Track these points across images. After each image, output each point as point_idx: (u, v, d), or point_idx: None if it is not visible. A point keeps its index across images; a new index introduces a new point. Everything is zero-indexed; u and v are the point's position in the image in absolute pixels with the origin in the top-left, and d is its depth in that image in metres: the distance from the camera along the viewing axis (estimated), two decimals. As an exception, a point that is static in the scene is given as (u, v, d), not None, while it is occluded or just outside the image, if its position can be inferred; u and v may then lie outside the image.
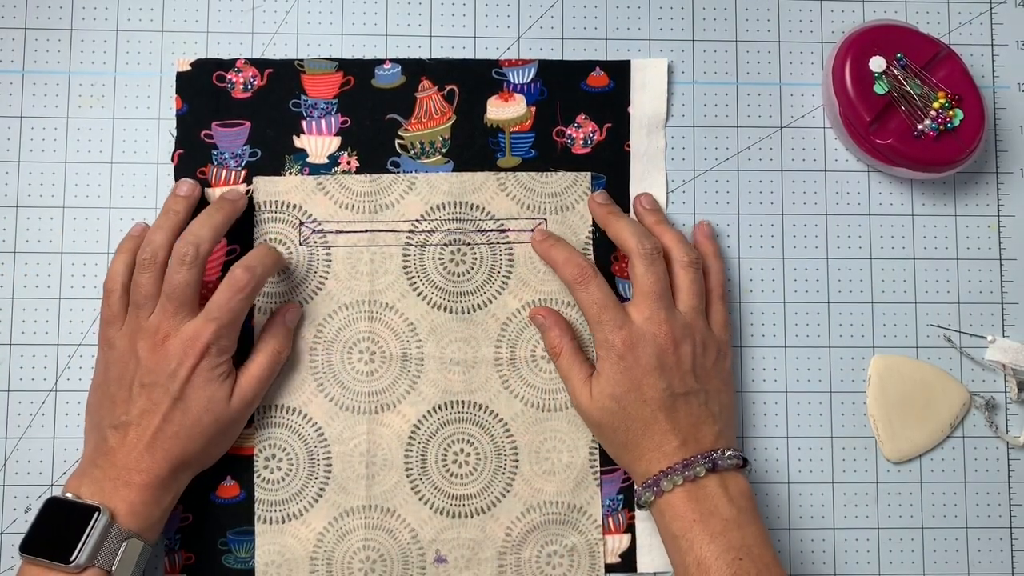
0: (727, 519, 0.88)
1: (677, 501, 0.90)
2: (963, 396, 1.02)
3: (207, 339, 0.90)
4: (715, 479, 0.91)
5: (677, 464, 0.90)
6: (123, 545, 0.85)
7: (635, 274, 0.95)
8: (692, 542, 0.88)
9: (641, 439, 0.92)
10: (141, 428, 0.88)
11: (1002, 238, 1.04)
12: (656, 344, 0.92)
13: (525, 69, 1.03)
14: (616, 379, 0.92)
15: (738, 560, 0.86)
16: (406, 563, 0.98)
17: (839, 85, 1.00)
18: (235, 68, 1.02)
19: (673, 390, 0.92)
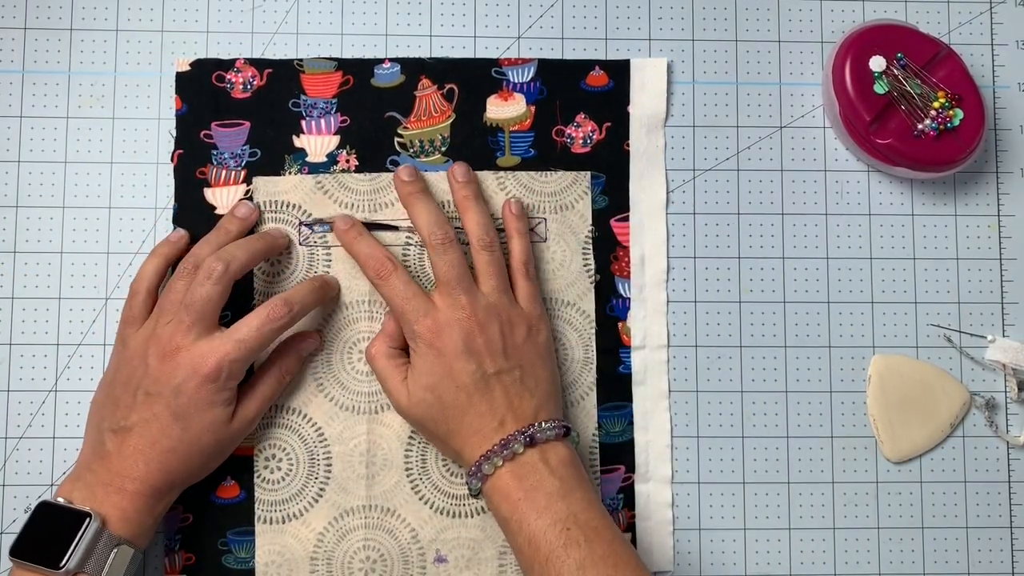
0: (551, 492, 0.87)
1: (502, 483, 0.89)
2: (963, 396, 1.02)
3: (222, 361, 0.89)
4: (535, 453, 0.89)
5: (496, 445, 0.89)
6: (113, 552, 0.85)
7: (432, 262, 0.94)
8: (521, 522, 0.87)
9: (460, 426, 0.91)
10: (139, 437, 0.88)
11: (1002, 238, 1.04)
12: (461, 328, 0.91)
13: (524, 68, 1.03)
14: (428, 369, 0.92)
15: (566, 531, 0.85)
16: (406, 563, 0.98)
17: (839, 85, 1.00)
18: (234, 68, 1.02)
19: (485, 371, 0.91)
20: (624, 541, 0.87)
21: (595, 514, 0.87)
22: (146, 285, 0.93)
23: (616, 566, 0.84)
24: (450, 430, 0.92)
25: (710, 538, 1.01)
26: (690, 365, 1.02)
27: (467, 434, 0.91)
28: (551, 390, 0.96)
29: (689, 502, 1.01)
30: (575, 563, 0.83)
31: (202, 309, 0.90)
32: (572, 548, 0.84)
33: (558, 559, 0.84)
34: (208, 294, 0.90)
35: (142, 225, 1.01)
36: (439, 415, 0.92)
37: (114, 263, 1.00)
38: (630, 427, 1.01)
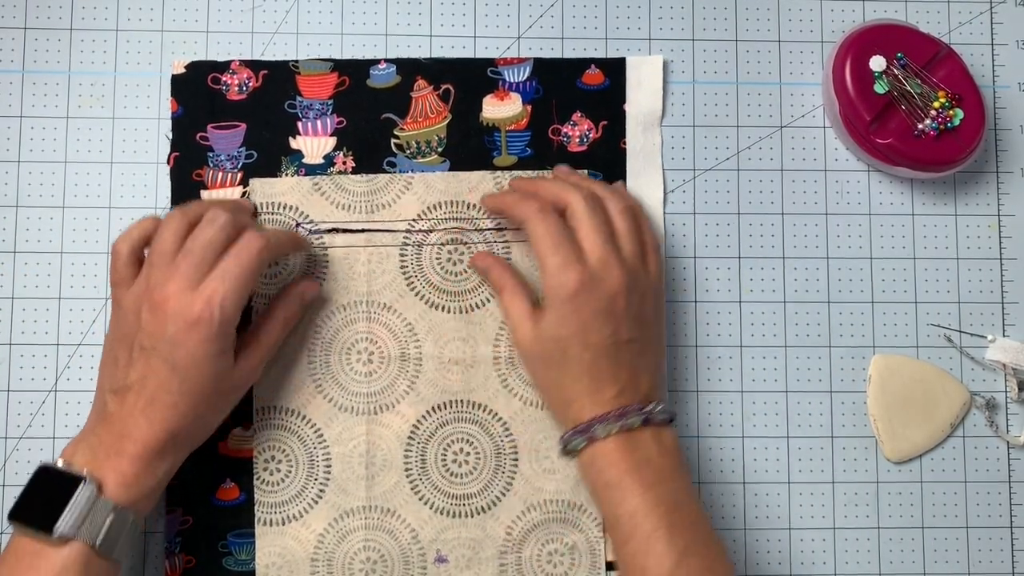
0: (659, 471, 0.87)
1: (609, 450, 0.88)
2: (963, 396, 1.02)
3: (210, 300, 0.85)
4: (649, 431, 0.89)
5: (612, 412, 0.89)
6: (108, 518, 0.82)
7: (579, 220, 0.92)
8: (625, 492, 0.86)
9: (577, 384, 0.90)
10: (137, 394, 0.85)
11: (1002, 237, 1.04)
12: (608, 288, 0.89)
13: (520, 68, 1.03)
14: (562, 321, 0.90)
15: (672, 512, 0.85)
16: (407, 563, 0.98)
17: (839, 84, 1.00)
18: (230, 70, 1.02)
19: (618, 337, 0.90)
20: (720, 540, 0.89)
21: (696, 503, 0.89)
22: (129, 245, 0.90)
23: (716, 560, 0.86)
24: (563, 383, 0.91)
25: (710, 538, 1.01)
26: (690, 364, 1.02)
27: (580, 392, 0.90)
28: (662, 371, 0.98)
29: (689, 502, 1.01)
30: (680, 547, 0.84)
31: (202, 254, 0.86)
32: (676, 532, 0.85)
33: (662, 539, 0.84)
34: (208, 237, 0.87)
35: (142, 225, 1.01)
36: (557, 366, 0.91)
37: (114, 263, 1.00)
38: (629, 426, 1.00)
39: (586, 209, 0.91)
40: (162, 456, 0.86)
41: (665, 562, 0.84)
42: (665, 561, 0.84)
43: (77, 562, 0.81)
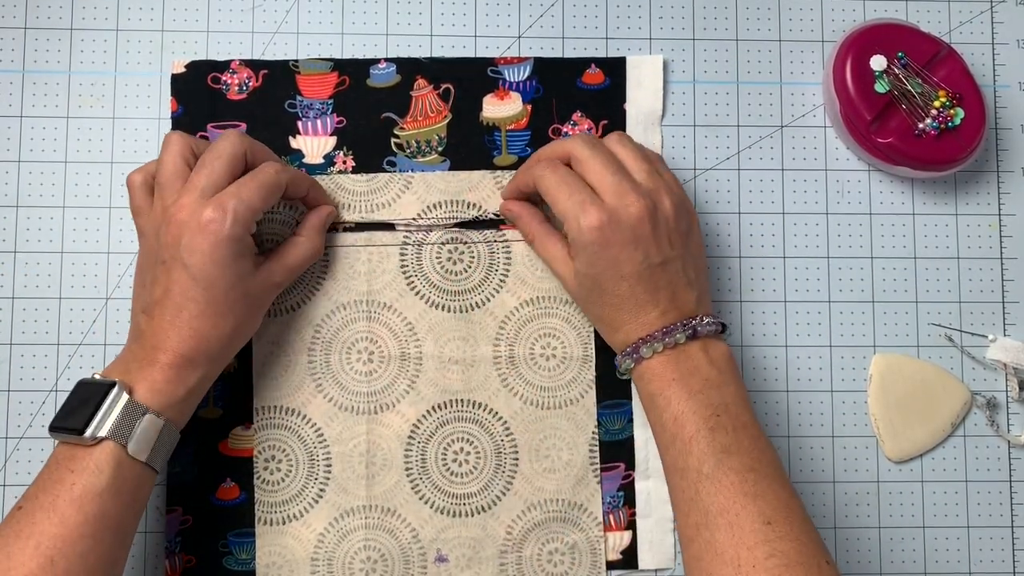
0: (707, 379, 0.88)
1: (657, 365, 0.89)
2: (964, 395, 1.02)
3: (222, 207, 0.86)
4: (696, 344, 0.89)
5: (657, 331, 0.89)
6: (140, 421, 0.83)
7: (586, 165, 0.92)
8: (670, 399, 0.87)
9: (620, 312, 0.91)
10: (163, 307, 0.87)
11: (1003, 237, 1.04)
12: (629, 216, 0.89)
13: (521, 67, 1.03)
14: (591, 260, 0.90)
15: (715, 416, 0.86)
16: (407, 563, 0.98)
17: (840, 84, 1.00)
18: (230, 70, 1.02)
19: (650, 261, 0.89)
20: (769, 443, 0.88)
21: (745, 409, 0.88)
22: (142, 175, 0.91)
23: (760, 460, 0.85)
24: (606, 314, 0.92)
25: (710, 538, 1.01)
26: (690, 364, 1.02)
27: (625, 319, 0.91)
28: (706, 281, 0.96)
29: (689, 501, 1.01)
30: (720, 446, 0.84)
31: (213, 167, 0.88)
32: (719, 432, 0.85)
33: (704, 439, 0.85)
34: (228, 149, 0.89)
35: (142, 225, 1.01)
36: (597, 299, 0.92)
37: (114, 263, 1.00)
38: (630, 424, 1.01)
39: (587, 149, 0.92)
40: (193, 364, 0.87)
41: (706, 461, 0.84)
42: (706, 460, 0.84)
43: (109, 462, 0.82)
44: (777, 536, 0.80)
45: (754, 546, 0.80)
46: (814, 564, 0.79)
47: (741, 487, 0.82)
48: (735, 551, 0.80)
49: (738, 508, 0.82)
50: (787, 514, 0.82)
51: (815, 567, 0.79)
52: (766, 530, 0.80)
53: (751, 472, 0.83)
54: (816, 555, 0.80)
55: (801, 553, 0.79)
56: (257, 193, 0.89)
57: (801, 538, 0.80)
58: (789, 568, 0.78)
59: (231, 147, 0.89)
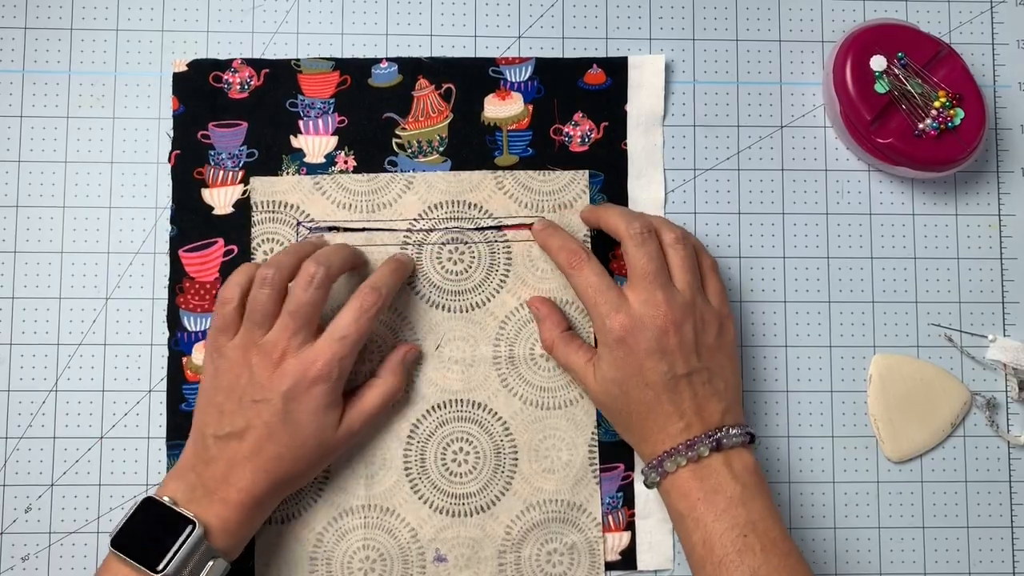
0: (731, 497, 0.87)
1: (682, 481, 0.89)
2: (964, 395, 1.02)
3: (329, 361, 0.89)
4: (719, 458, 0.89)
5: (681, 445, 0.89)
6: (209, 563, 0.84)
7: (628, 256, 0.93)
8: (697, 521, 0.87)
9: (645, 421, 0.91)
10: (246, 444, 0.88)
11: (1003, 237, 1.04)
12: (655, 327, 0.90)
13: (522, 67, 1.03)
14: (616, 364, 0.91)
15: (742, 537, 0.85)
16: (406, 562, 0.98)
17: (840, 84, 1.00)
18: (231, 68, 1.02)
19: (675, 372, 0.90)
20: (800, 558, 0.87)
21: (773, 525, 0.87)
22: (238, 293, 0.92)
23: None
24: (633, 423, 0.92)
25: (710, 538, 1.00)
26: (690, 365, 1.02)
27: (650, 430, 0.91)
28: (736, 393, 0.95)
29: (689, 502, 1.01)
30: (748, 570, 0.84)
31: (308, 314, 0.90)
32: (747, 555, 0.85)
33: (732, 563, 0.84)
34: (312, 299, 0.90)
35: (142, 225, 1.01)
36: (623, 407, 0.92)
37: (114, 263, 1.00)
38: (630, 425, 1.00)
39: (637, 247, 0.93)
40: (261, 506, 0.89)
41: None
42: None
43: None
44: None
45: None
46: None
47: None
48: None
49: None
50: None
51: None
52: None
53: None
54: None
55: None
56: (362, 341, 0.93)
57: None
58: None
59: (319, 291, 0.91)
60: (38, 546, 0.98)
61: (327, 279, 0.91)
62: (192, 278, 1.00)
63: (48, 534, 0.98)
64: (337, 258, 0.93)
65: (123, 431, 0.99)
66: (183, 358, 1.00)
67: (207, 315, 1.00)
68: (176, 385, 0.99)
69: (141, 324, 1.00)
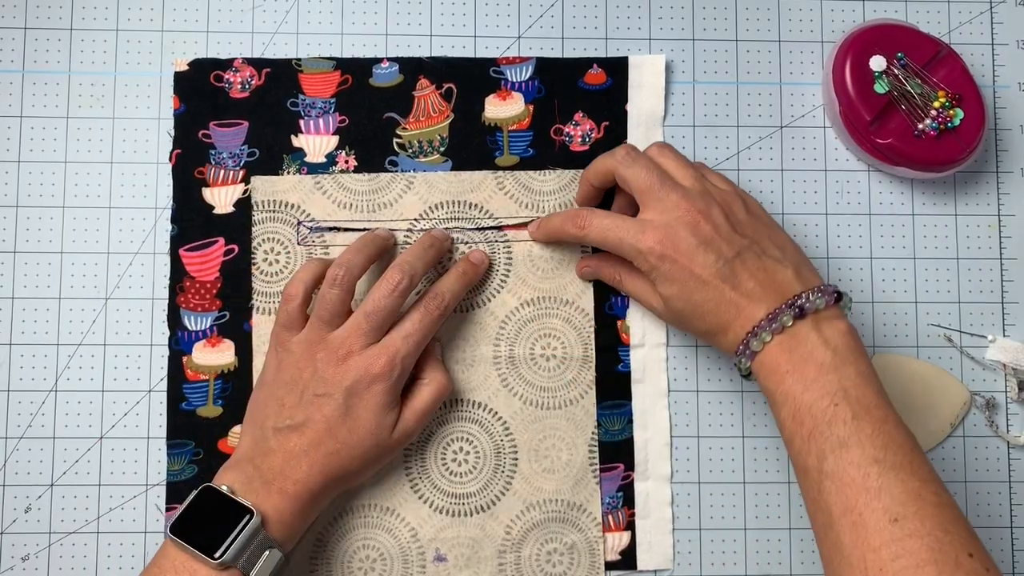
0: (822, 364, 0.82)
1: (771, 358, 0.84)
2: (963, 396, 1.02)
3: (393, 357, 0.90)
4: (806, 324, 0.85)
5: (763, 320, 0.85)
6: (265, 553, 0.84)
7: (627, 181, 0.92)
8: (786, 395, 0.83)
9: (720, 316, 0.88)
10: (305, 437, 0.88)
11: (1002, 237, 1.04)
12: (686, 224, 0.88)
13: (523, 67, 1.03)
14: (669, 279, 0.88)
15: (833, 406, 0.80)
16: (406, 562, 0.98)
17: (839, 84, 1.01)
18: (232, 68, 1.02)
19: (725, 257, 0.87)
20: (898, 422, 0.82)
21: (869, 391, 0.82)
22: (303, 289, 0.93)
23: (886, 447, 0.79)
24: (710, 325, 0.89)
25: (710, 537, 1.00)
26: (690, 364, 1.02)
27: (729, 322, 0.87)
28: (799, 254, 0.91)
29: (689, 501, 1.01)
30: (838, 440, 0.79)
31: (382, 319, 0.91)
32: (837, 425, 0.80)
33: (820, 435, 0.80)
34: (391, 305, 0.92)
35: (142, 225, 1.01)
36: (696, 313, 0.89)
37: (114, 263, 1.00)
38: (629, 425, 1.01)
39: (628, 168, 0.92)
40: (315, 500, 0.90)
41: (826, 458, 0.80)
42: (825, 457, 0.80)
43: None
44: (905, 534, 0.75)
45: (879, 547, 0.75)
46: (950, 560, 0.74)
47: (864, 483, 0.78)
48: (860, 553, 0.76)
49: (861, 507, 0.77)
50: (917, 508, 0.76)
51: (950, 563, 0.73)
52: (892, 529, 0.75)
53: (875, 465, 0.78)
54: (952, 550, 0.74)
55: (933, 550, 0.74)
56: (424, 342, 0.94)
57: (934, 532, 0.75)
58: (919, 568, 0.73)
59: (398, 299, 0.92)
60: (38, 546, 0.98)
61: (409, 289, 0.93)
62: (193, 277, 1.00)
63: (48, 534, 0.98)
64: (421, 264, 0.94)
65: (123, 431, 0.99)
66: (183, 357, 0.99)
67: (207, 314, 1.00)
68: (176, 384, 0.99)
69: (141, 324, 1.00)
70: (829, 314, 0.86)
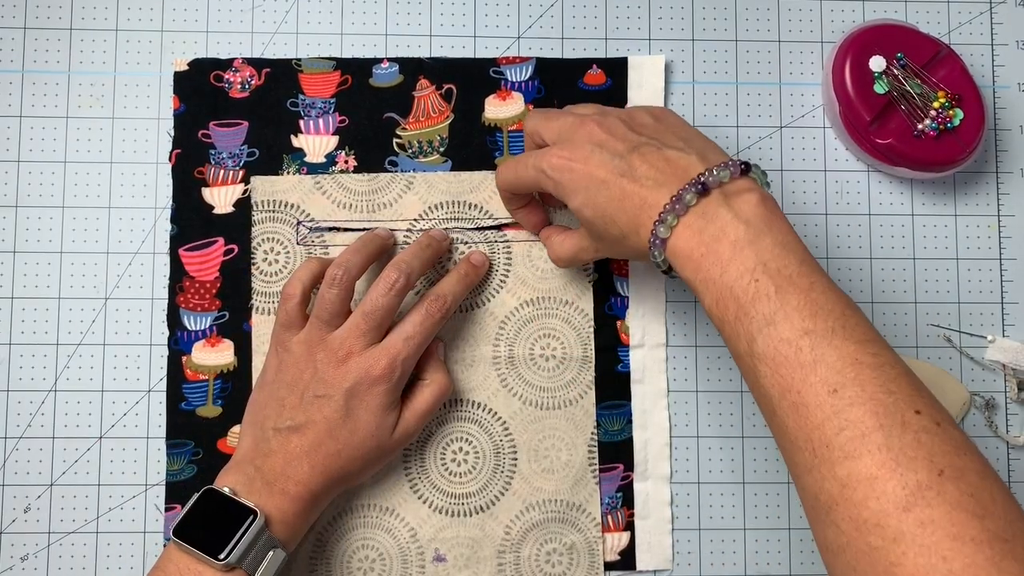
0: (735, 240, 0.77)
1: (682, 243, 0.79)
2: (963, 396, 1.02)
3: (394, 360, 0.90)
4: (713, 200, 0.79)
5: (666, 204, 0.79)
6: (270, 553, 0.84)
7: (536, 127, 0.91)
8: (706, 281, 0.77)
9: (627, 214, 0.82)
10: (305, 438, 0.88)
11: (1002, 238, 1.04)
12: (581, 134, 0.86)
13: (523, 67, 1.03)
14: (574, 188, 0.85)
15: (754, 282, 0.75)
16: (405, 562, 0.98)
17: (839, 85, 1.01)
18: (232, 68, 1.02)
19: (618, 152, 0.83)
20: (827, 287, 0.75)
21: (791, 259, 0.76)
22: (301, 288, 0.93)
23: (815, 316, 0.73)
24: (622, 229, 0.83)
25: (709, 538, 1.00)
26: (689, 364, 1.02)
27: (634, 217, 0.82)
28: (704, 141, 0.86)
29: (689, 501, 1.01)
30: (763, 319, 0.74)
31: (381, 318, 0.91)
32: (760, 301, 0.74)
33: (746, 316, 0.75)
34: (389, 304, 0.92)
35: (142, 225, 1.01)
36: (604, 219, 0.84)
37: (114, 263, 1.00)
38: (629, 425, 1.01)
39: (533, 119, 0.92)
40: (317, 502, 0.90)
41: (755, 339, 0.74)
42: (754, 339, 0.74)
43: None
44: (845, 404, 0.69)
45: (822, 423, 0.70)
46: (896, 423, 0.68)
47: (797, 358, 0.72)
48: (805, 434, 0.71)
49: (798, 384, 0.72)
50: (855, 373, 0.70)
51: (897, 426, 0.68)
52: (832, 400, 0.70)
53: (805, 337, 0.72)
54: (897, 411, 0.69)
55: (877, 415, 0.68)
56: (424, 344, 0.94)
57: (877, 396, 0.69)
58: (865, 437, 0.68)
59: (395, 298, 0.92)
60: (37, 546, 0.98)
61: (407, 287, 0.93)
62: (192, 277, 1.00)
63: (47, 534, 0.98)
64: (418, 263, 0.94)
65: (122, 431, 0.99)
66: (183, 357, 1.00)
67: (207, 314, 1.00)
68: (175, 384, 0.99)
69: (140, 324, 1.00)
70: (739, 186, 0.80)
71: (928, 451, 0.67)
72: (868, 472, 0.67)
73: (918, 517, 0.65)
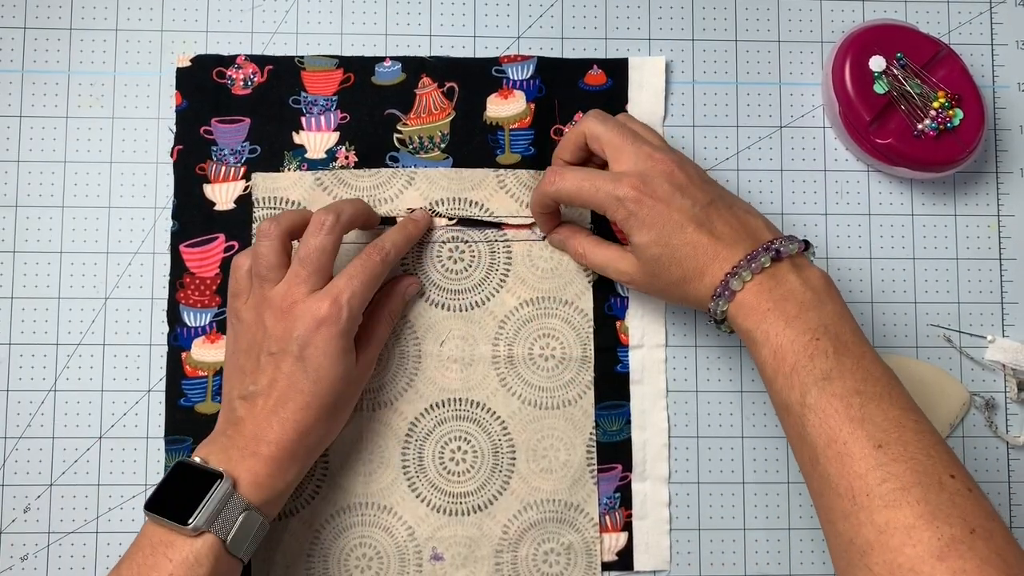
0: (802, 302, 0.84)
1: (750, 297, 0.85)
2: (963, 396, 1.02)
3: (338, 299, 0.89)
4: (785, 266, 0.86)
5: (742, 261, 0.85)
6: (241, 516, 0.83)
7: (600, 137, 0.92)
8: (767, 332, 0.83)
9: (697, 262, 0.87)
10: (270, 399, 0.87)
11: (1002, 238, 1.04)
12: (661, 172, 0.89)
13: (524, 66, 1.03)
14: (647, 222, 0.88)
15: (814, 341, 0.82)
16: (402, 560, 0.98)
17: (839, 85, 1.01)
18: (235, 65, 1.02)
19: (699, 203, 0.88)
20: (876, 358, 0.83)
21: (847, 328, 0.84)
22: (247, 262, 0.92)
23: (865, 380, 0.80)
24: (685, 272, 0.88)
25: (708, 538, 1.00)
26: (689, 364, 1.02)
27: (705, 263, 0.87)
28: (761, 214, 0.92)
29: (688, 502, 1.01)
30: (820, 373, 0.80)
31: (318, 261, 0.90)
32: (819, 359, 0.81)
33: (803, 369, 0.81)
34: (323, 244, 0.90)
35: (142, 225, 1.01)
36: (671, 259, 0.88)
37: (114, 263, 1.01)
38: (628, 426, 1.01)
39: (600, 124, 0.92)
40: (294, 458, 0.88)
41: (809, 391, 0.81)
42: (808, 391, 0.81)
43: (209, 554, 0.82)
44: (889, 459, 0.76)
45: (865, 473, 0.76)
46: (934, 482, 0.75)
47: (847, 413, 0.79)
48: (847, 481, 0.77)
49: (845, 436, 0.78)
50: (899, 434, 0.77)
51: (935, 485, 0.75)
52: (877, 454, 0.77)
53: (856, 396, 0.79)
54: (935, 471, 0.76)
55: (917, 473, 0.75)
56: (368, 285, 0.92)
57: (917, 456, 0.76)
58: (906, 491, 0.75)
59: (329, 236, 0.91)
60: (37, 546, 0.98)
61: (337, 225, 0.91)
62: (193, 273, 1.00)
63: (47, 534, 0.98)
64: (349, 206, 0.93)
65: (122, 431, 0.99)
66: (182, 353, 1.00)
67: (207, 311, 1.00)
68: (175, 380, 1.00)
69: (140, 324, 1.00)
70: (801, 260, 0.88)
71: (961, 511, 0.74)
72: (906, 521, 0.74)
73: (951, 567, 0.71)
